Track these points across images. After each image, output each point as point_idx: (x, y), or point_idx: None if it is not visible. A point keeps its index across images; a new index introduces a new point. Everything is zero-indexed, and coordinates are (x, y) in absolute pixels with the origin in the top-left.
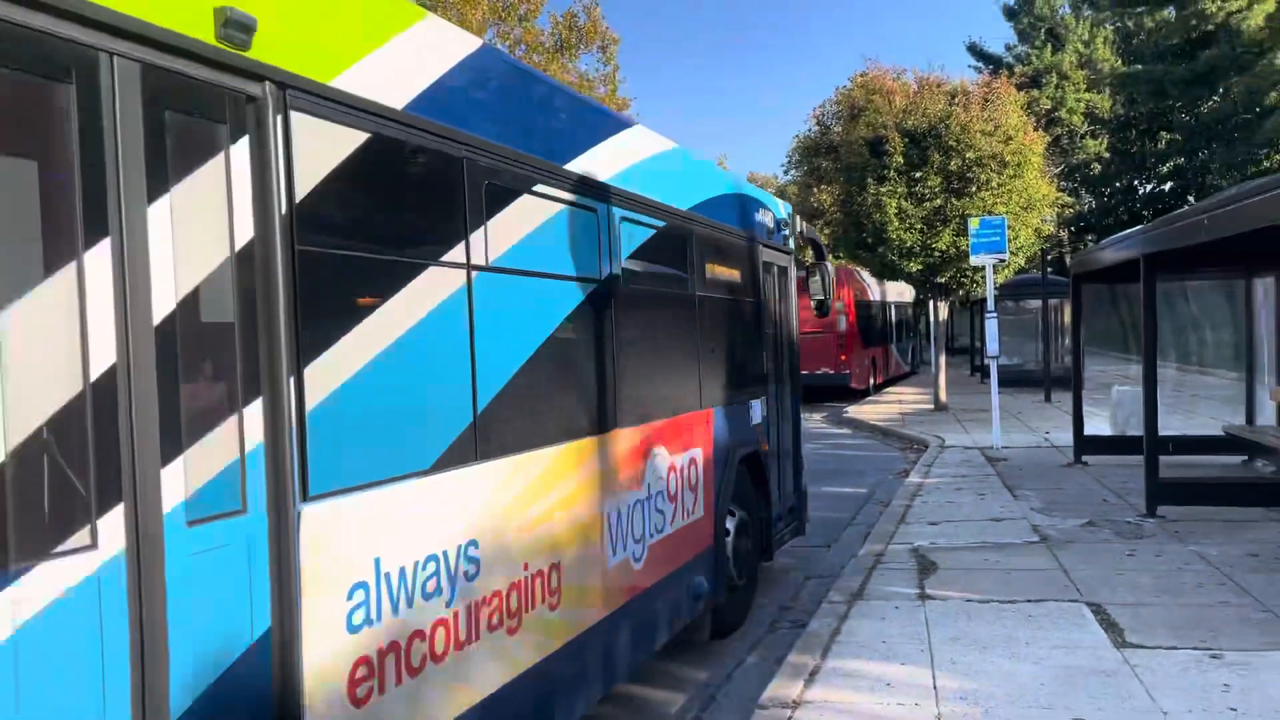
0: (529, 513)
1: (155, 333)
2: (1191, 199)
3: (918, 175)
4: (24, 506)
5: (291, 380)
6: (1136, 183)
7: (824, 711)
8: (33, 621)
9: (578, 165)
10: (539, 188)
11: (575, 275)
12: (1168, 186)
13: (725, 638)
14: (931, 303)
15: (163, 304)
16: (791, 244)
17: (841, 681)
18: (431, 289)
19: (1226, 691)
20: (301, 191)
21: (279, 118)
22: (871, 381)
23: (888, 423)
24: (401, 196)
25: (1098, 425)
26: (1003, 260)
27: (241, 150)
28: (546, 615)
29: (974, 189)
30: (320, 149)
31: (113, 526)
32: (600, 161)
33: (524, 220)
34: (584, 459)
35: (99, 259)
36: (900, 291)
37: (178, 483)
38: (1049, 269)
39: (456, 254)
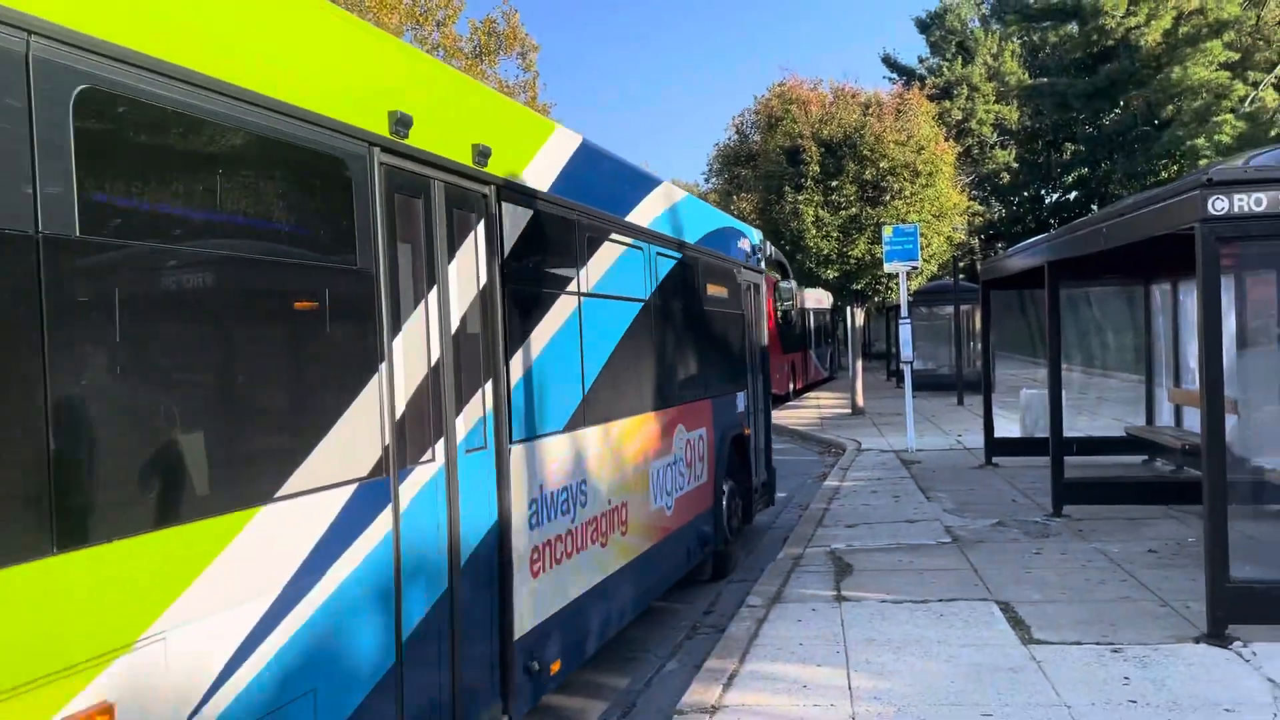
0: (611, 463)
1: (453, 340)
2: (1095, 208)
3: (834, 184)
4: (413, 441)
5: (502, 371)
6: (1043, 192)
7: (741, 715)
8: (419, 493)
9: (633, 217)
10: (613, 235)
11: (633, 297)
12: (1073, 196)
13: (721, 580)
14: (849, 309)
15: (456, 320)
16: (762, 265)
17: (759, 685)
18: (563, 310)
19: (1127, 684)
20: (508, 250)
21: (498, 205)
22: (791, 387)
23: (807, 427)
24: (549, 249)
25: (1008, 427)
26: (916, 267)
27: (481, 226)
28: (619, 539)
29: (888, 198)
30: (514, 221)
31: (438, 452)
32: (644, 212)
33: (605, 258)
34: (641, 430)
35: (432, 298)
36: (818, 298)
37: (461, 431)
38: (961, 276)
39: (573, 285)
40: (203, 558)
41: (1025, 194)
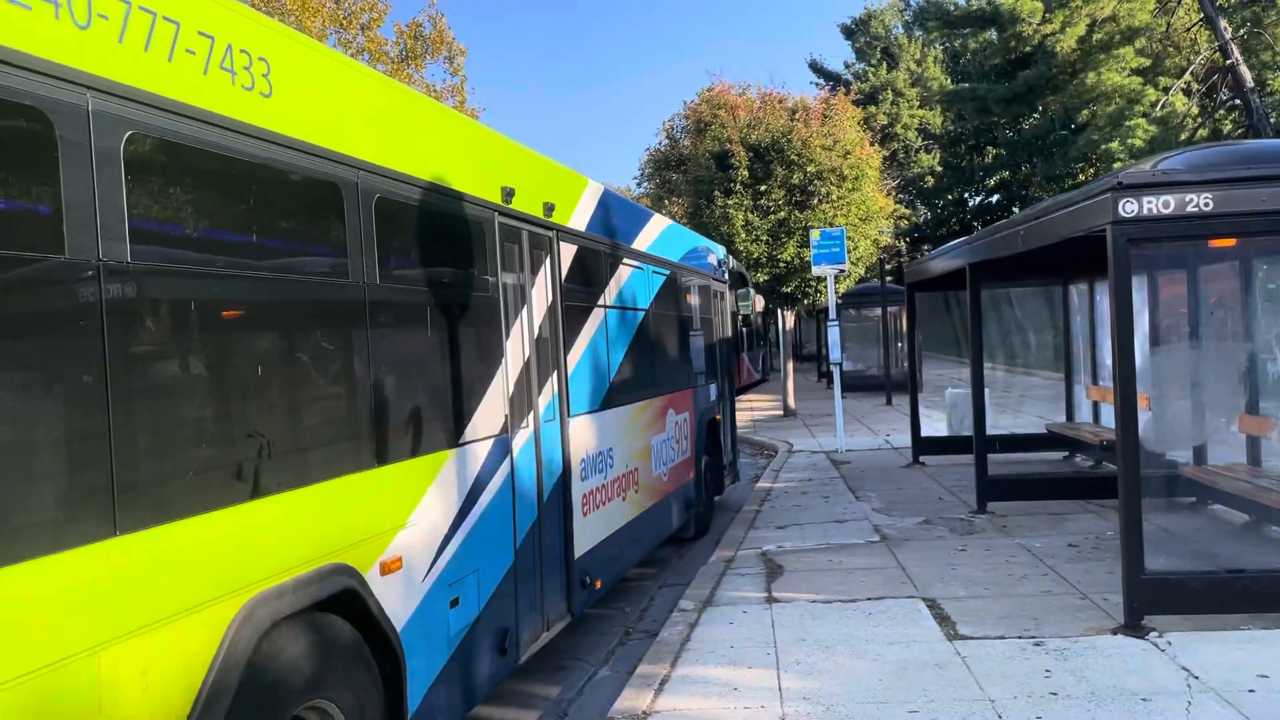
0: (627, 437)
1: (535, 343)
2: (1016, 209)
3: (762, 188)
4: (517, 411)
5: (563, 363)
6: (967, 195)
7: (673, 719)
8: (523, 448)
9: (636, 244)
10: (625, 259)
11: (638, 307)
12: (995, 198)
13: (700, 539)
14: (779, 312)
15: (537, 329)
16: (726, 275)
17: (690, 689)
18: (595, 319)
19: (1048, 676)
20: (564, 276)
21: (558, 244)
22: None
23: (740, 430)
24: (586, 274)
25: (935, 427)
26: (843, 270)
27: (548, 260)
28: (633, 495)
29: (815, 201)
30: (566, 255)
31: (530, 421)
32: (643, 239)
33: (620, 278)
34: (645, 412)
35: (524, 313)
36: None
37: (542, 406)
38: (887, 278)
39: (601, 300)
40: (430, 476)
41: (949, 197)
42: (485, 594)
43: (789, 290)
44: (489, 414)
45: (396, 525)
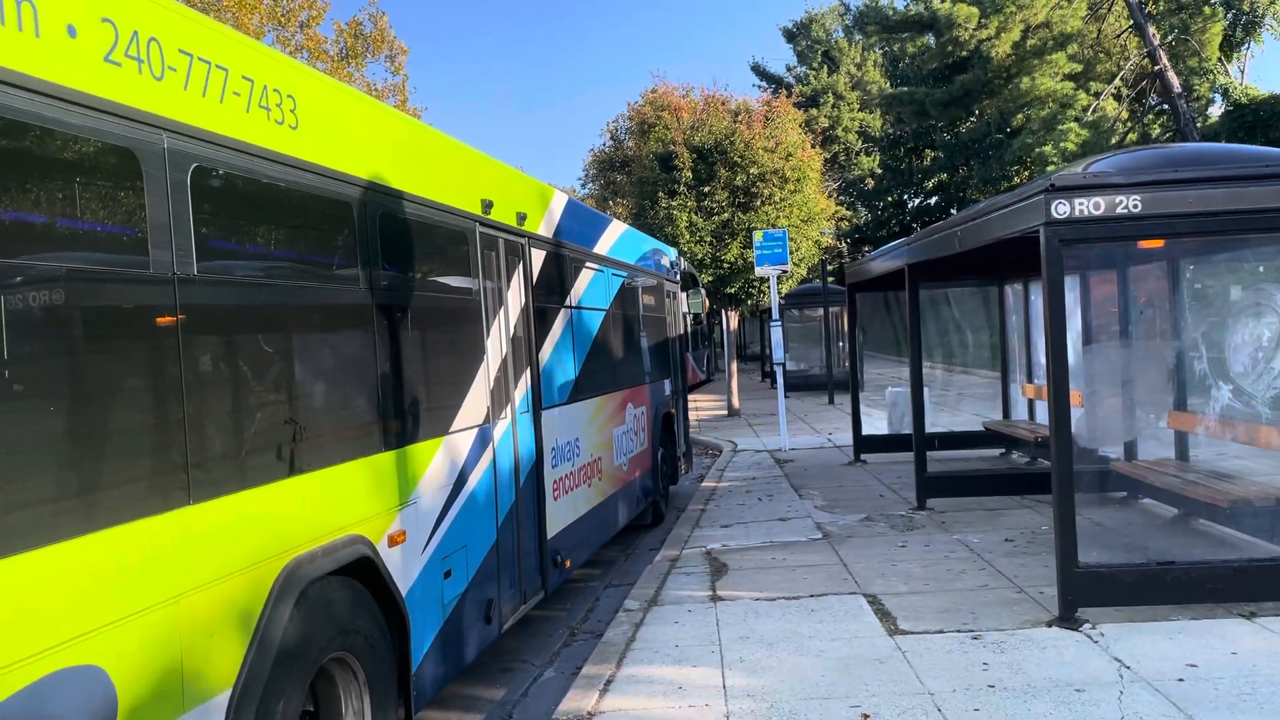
0: (592, 428)
1: (511, 341)
2: (954, 212)
3: (706, 190)
4: (496, 403)
5: (534, 360)
6: (906, 197)
7: (617, 719)
8: (502, 436)
9: (596, 248)
10: (587, 263)
11: (599, 307)
12: (933, 200)
13: (658, 526)
14: (723, 312)
15: (512, 328)
16: (678, 277)
17: (635, 688)
18: (562, 319)
19: (986, 669)
20: (534, 280)
21: (529, 250)
22: None
23: None
24: (553, 277)
25: (877, 425)
26: (786, 271)
27: (520, 265)
28: (597, 483)
29: (758, 203)
30: (536, 259)
31: (508, 412)
32: (602, 243)
33: (583, 280)
34: (608, 405)
35: (501, 314)
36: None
37: (517, 399)
38: (829, 279)
39: (567, 301)
40: (427, 460)
41: (889, 199)
42: (473, 568)
43: (733, 291)
44: (474, 406)
45: (401, 502)
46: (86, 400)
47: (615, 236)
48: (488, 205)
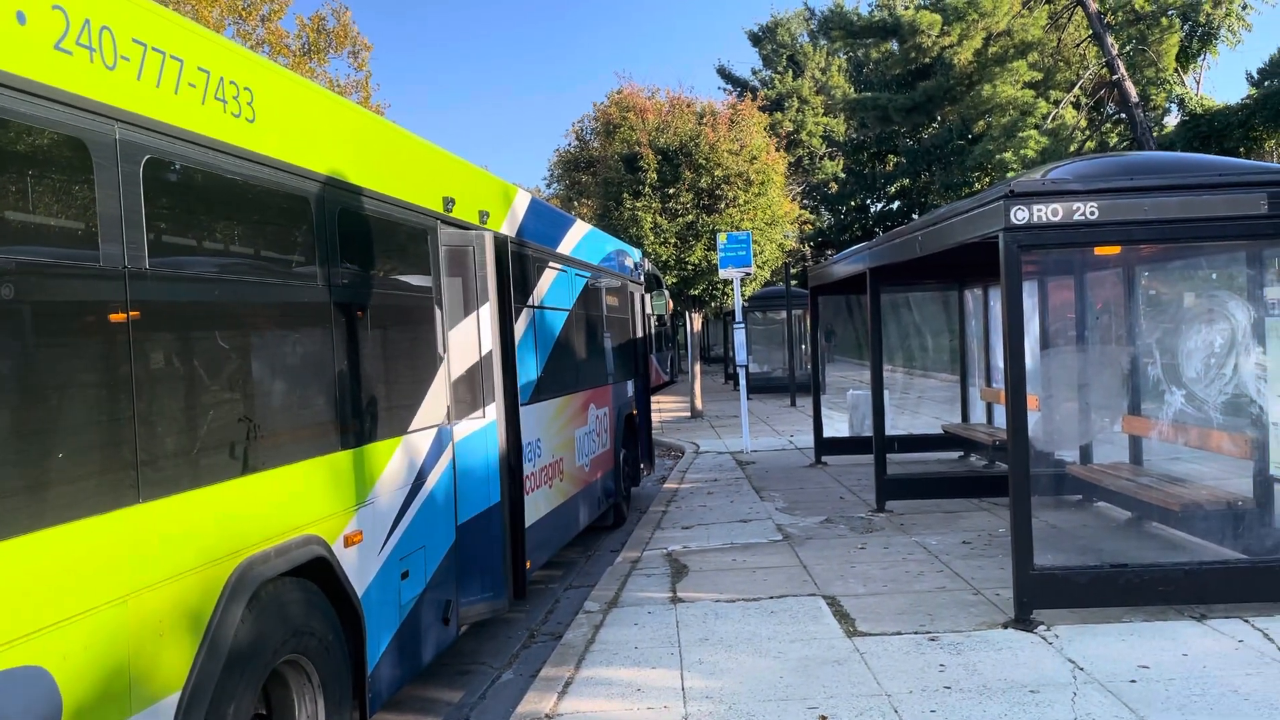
0: (553, 429)
1: (474, 341)
2: (915, 216)
3: (671, 191)
4: (454, 406)
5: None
6: (869, 201)
7: None
8: (461, 439)
9: (560, 248)
10: (550, 263)
11: (562, 307)
12: (896, 205)
13: (619, 527)
14: (687, 314)
15: (476, 325)
16: (642, 278)
17: (594, 690)
18: (526, 318)
19: (942, 671)
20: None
21: (491, 243)
22: None
23: None
24: (518, 277)
25: (838, 427)
26: (749, 273)
27: (484, 260)
28: (559, 483)
29: (723, 205)
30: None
31: (491, 411)
32: (566, 243)
33: (547, 279)
34: (571, 405)
35: (462, 318)
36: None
37: (477, 399)
38: (793, 282)
39: (530, 300)
40: (384, 460)
41: (852, 203)
42: (431, 568)
43: (697, 293)
44: (433, 405)
45: (358, 502)
46: (33, 396)
47: (579, 236)
48: (449, 203)
